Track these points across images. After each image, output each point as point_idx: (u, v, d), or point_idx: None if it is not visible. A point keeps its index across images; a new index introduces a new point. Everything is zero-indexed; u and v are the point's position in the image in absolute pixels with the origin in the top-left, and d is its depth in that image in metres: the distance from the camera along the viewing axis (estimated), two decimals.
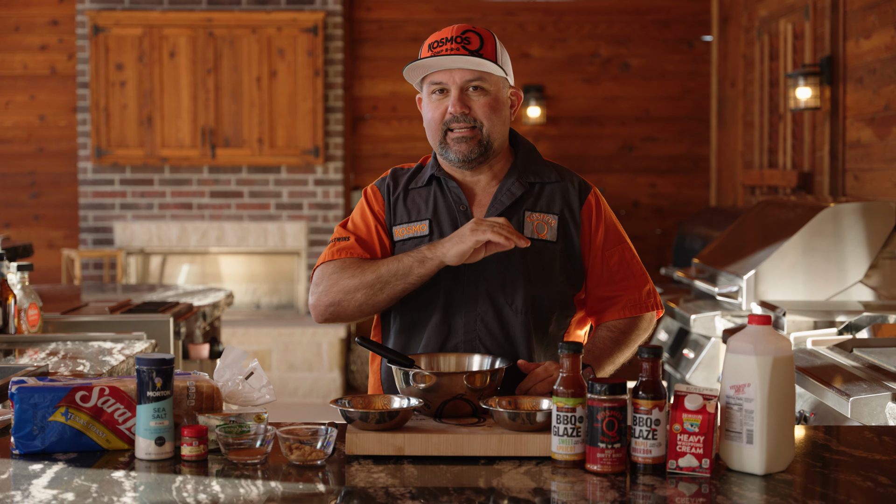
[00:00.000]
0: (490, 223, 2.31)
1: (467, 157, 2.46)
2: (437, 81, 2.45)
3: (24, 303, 3.46)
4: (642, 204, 8.10)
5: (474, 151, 2.46)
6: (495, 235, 2.29)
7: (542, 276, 2.47)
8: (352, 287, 2.43)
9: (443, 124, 2.45)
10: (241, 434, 1.99)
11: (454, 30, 2.46)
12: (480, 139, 2.45)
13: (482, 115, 2.44)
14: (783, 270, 4.45)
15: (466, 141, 2.44)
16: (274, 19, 7.57)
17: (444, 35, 2.45)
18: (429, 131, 2.48)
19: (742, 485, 1.87)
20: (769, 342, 1.92)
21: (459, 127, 2.44)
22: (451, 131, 2.45)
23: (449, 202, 2.52)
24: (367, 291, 2.43)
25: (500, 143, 2.50)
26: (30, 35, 7.94)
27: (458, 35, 2.44)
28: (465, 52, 2.42)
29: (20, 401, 2.04)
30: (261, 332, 7.44)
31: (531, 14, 8.02)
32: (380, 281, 2.41)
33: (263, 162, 7.66)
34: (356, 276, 2.43)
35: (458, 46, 2.42)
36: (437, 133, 2.47)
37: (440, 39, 2.45)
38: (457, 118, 2.43)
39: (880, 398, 2.78)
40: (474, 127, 2.44)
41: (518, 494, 1.82)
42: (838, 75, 5.52)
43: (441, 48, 2.43)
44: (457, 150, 2.45)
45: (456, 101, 2.43)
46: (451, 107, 2.43)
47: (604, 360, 2.52)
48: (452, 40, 2.43)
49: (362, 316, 2.49)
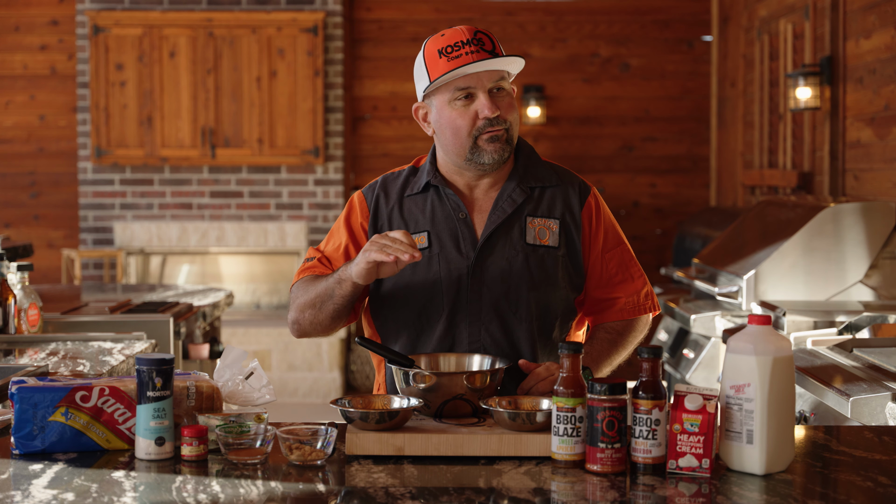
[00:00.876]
0: (380, 243, 2.25)
1: (501, 158, 2.42)
2: (463, 87, 2.39)
3: (24, 303, 3.46)
4: (642, 204, 8.10)
5: (506, 151, 2.43)
6: (378, 255, 2.23)
7: (545, 283, 2.46)
8: (302, 305, 2.47)
9: (475, 129, 2.40)
10: (241, 434, 1.99)
11: (465, 32, 2.39)
12: (508, 138, 2.43)
13: (509, 115, 2.42)
14: (783, 270, 4.45)
15: (499, 140, 2.41)
16: (274, 19, 7.57)
17: (457, 39, 2.39)
18: (455, 138, 2.42)
19: (742, 485, 1.87)
20: (769, 342, 1.92)
21: (494, 130, 2.40)
22: (483, 134, 2.40)
23: (447, 210, 2.49)
24: (311, 311, 2.45)
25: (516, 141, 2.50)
26: (30, 35, 7.94)
27: (471, 38, 2.38)
28: (484, 53, 2.38)
29: (20, 401, 2.04)
30: (261, 332, 7.44)
31: (531, 14, 8.02)
32: (318, 300, 2.43)
33: (263, 162, 7.66)
34: (304, 294, 2.47)
35: (476, 49, 2.37)
36: (468, 139, 2.41)
37: (455, 44, 2.38)
38: (491, 122, 2.39)
39: (880, 398, 2.78)
40: (503, 126, 2.41)
41: (518, 494, 1.82)
42: (838, 75, 5.52)
43: (459, 52, 2.37)
44: (492, 150, 2.41)
45: (491, 105, 2.38)
46: (488, 110, 2.38)
47: (602, 361, 2.52)
48: (469, 43, 2.38)
49: (322, 332, 2.49)
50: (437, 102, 2.44)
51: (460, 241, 2.46)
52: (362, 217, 2.53)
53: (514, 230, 2.46)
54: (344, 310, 2.43)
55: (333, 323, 2.47)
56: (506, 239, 2.46)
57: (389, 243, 2.24)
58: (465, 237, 2.46)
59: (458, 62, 2.37)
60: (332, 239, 2.57)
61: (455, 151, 2.45)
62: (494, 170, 2.47)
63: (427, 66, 2.41)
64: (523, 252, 2.45)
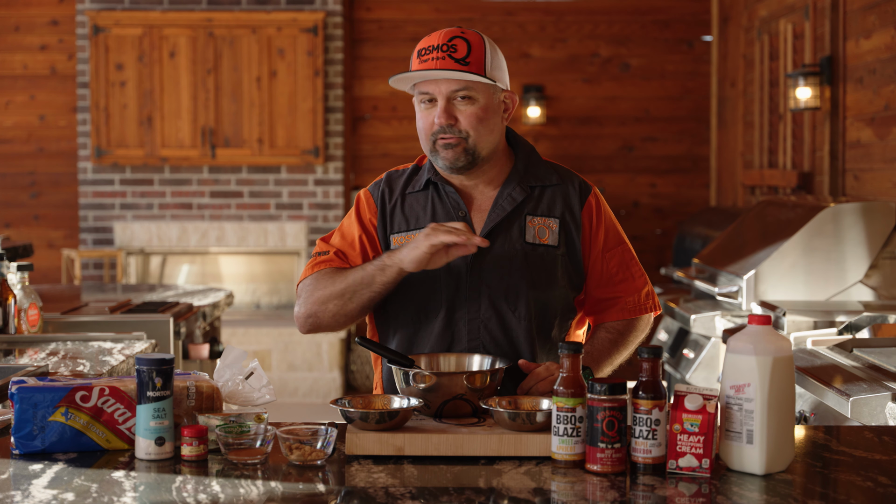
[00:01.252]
0: (446, 228, 2.29)
1: (454, 164, 2.43)
2: (425, 91, 2.42)
3: (24, 303, 3.46)
4: (642, 204, 8.10)
5: (461, 159, 2.42)
6: (448, 236, 2.26)
7: (544, 281, 2.46)
8: (324, 297, 2.44)
9: (432, 134, 2.42)
10: (241, 434, 1.99)
11: (442, 36, 2.41)
12: (466, 148, 2.41)
13: (468, 126, 2.40)
14: (783, 270, 4.45)
15: (452, 148, 2.41)
16: (274, 19, 7.57)
17: (432, 42, 2.41)
18: (420, 139, 2.47)
19: (742, 485, 1.87)
20: (769, 342, 1.92)
21: (446, 137, 2.41)
22: (439, 139, 2.42)
23: (447, 208, 2.49)
24: (337, 301, 2.43)
25: (491, 151, 2.46)
26: (30, 35, 7.94)
27: (444, 43, 2.39)
28: (450, 60, 2.37)
29: (20, 401, 2.04)
30: (261, 332, 7.44)
31: (531, 14, 8.02)
32: (348, 290, 2.41)
33: (263, 162, 7.66)
34: (328, 286, 2.44)
35: (443, 55, 2.37)
36: (427, 142, 2.44)
37: (427, 47, 2.40)
38: (443, 129, 2.40)
39: (880, 398, 2.78)
40: (459, 136, 2.41)
41: (518, 494, 1.82)
42: (838, 75, 5.52)
43: (428, 56, 2.39)
44: (444, 156, 2.42)
45: (442, 113, 2.39)
46: (437, 118, 2.39)
47: (602, 361, 2.52)
48: (438, 48, 2.38)
49: (340, 325, 2.47)
50: (415, 101, 2.48)
51: None
52: (370, 213, 2.54)
53: (514, 229, 2.47)
54: (379, 298, 2.42)
55: (361, 314, 2.46)
56: (505, 237, 2.46)
57: (455, 230, 2.28)
58: None
59: (422, 66, 2.40)
60: (344, 234, 2.55)
61: (424, 150, 2.49)
62: (459, 174, 2.47)
63: (410, 64, 2.45)
64: (522, 250, 2.45)
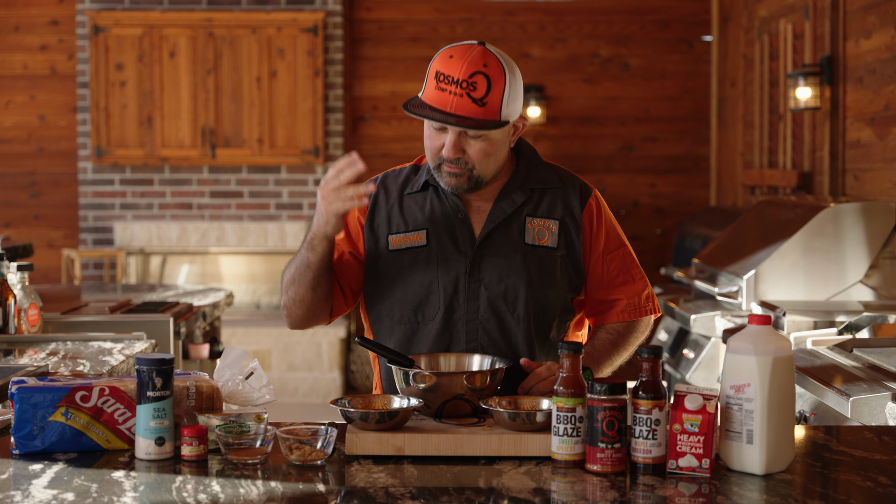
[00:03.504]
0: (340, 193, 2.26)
1: (457, 190, 2.44)
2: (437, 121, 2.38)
3: (24, 303, 3.46)
4: (642, 204, 8.10)
5: (463, 186, 2.43)
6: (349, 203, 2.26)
7: (543, 283, 2.46)
8: (285, 286, 2.47)
9: (437, 157, 2.41)
10: (241, 434, 1.99)
11: (464, 70, 2.34)
12: (470, 177, 2.42)
13: (475, 160, 2.40)
14: (783, 270, 4.45)
15: (457, 177, 2.41)
16: (274, 19, 7.57)
17: (453, 73, 2.34)
18: (427, 154, 2.45)
19: (742, 485, 1.87)
20: (769, 342, 1.92)
21: (452, 169, 2.40)
22: (444, 164, 2.41)
23: (446, 209, 2.49)
24: (293, 288, 2.44)
25: (495, 175, 2.47)
26: (30, 35, 7.94)
27: (464, 79, 2.33)
28: (468, 99, 2.32)
29: (20, 401, 2.04)
30: (261, 332, 7.44)
31: (531, 14, 8.02)
32: (296, 276, 2.42)
33: (263, 162, 7.66)
34: (286, 275, 2.46)
35: (462, 93, 2.33)
36: (433, 161, 2.43)
37: (447, 77, 2.34)
38: (450, 161, 2.39)
39: (880, 398, 2.78)
40: (465, 167, 2.40)
41: (518, 494, 1.82)
42: (838, 75, 5.52)
43: (447, 88, 2.34)
44: (447, 181, 2.43)
45: (451, 147, 2.37)
46: (446, 151, 2.38)
47: (602, 362, 2.52)
48: (458, 84, 2.34)
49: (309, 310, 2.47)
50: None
51: (458, 239, 2.46)
52: (359, 212, 2.54)
53: (513, 230, 2.47)
54: (324, 277, 2.42)
55: (315, 296, 2.44)
56: (504, 238, 2.46)
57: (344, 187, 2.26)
58: (464, 236, 2.46)
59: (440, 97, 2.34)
60: None
61: (429, 162, 2.47)
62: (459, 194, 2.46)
63: (427, 77, 2.40)
64: (521, 252, 2.45)
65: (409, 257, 2.46)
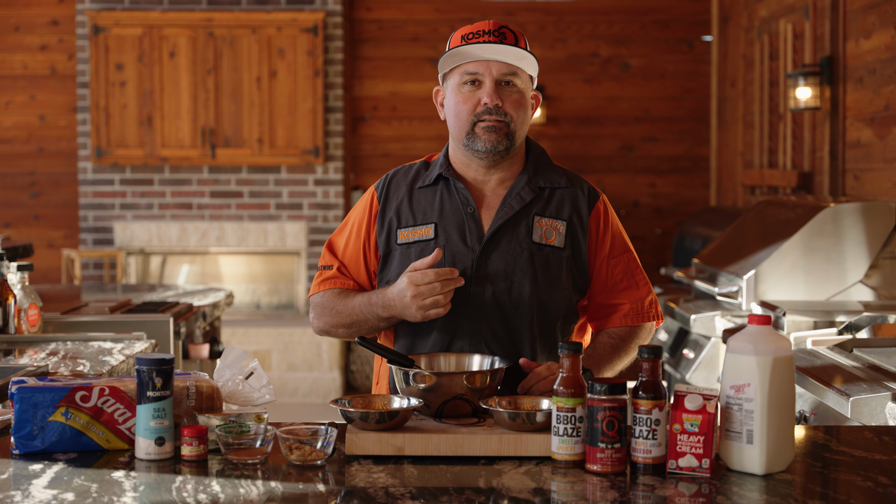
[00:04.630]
0: (431, 298, 2.34)
1: (495, 148, 2.45)
2: (472, 72, 2.44)
3: (24, 303, 3.46)
4: (642, 204, 8.10)
5: (502, 143, 2.45)
6: (437, 310, 2.35)
7: (548, 282, 2.47)
8: (333, 323, 2.55)
9: (474, 115, 2.45)
10: (241, 434, 1.99)
11: (490, 24, 2.47)
12: (508, 132, 2.45)
13: (512, 110, 2.45)
14: (783, 270, 4.45)
15: (496, 131, 2.44)
16: (274, 19, 7.57)
17: (480, 28, 2.46)
18: (456, 121, 2.48)
19: (742, 485, 1.87)
20: (769, 342, 1.92)
21: (490, 118, 2.44)
22: (481, 121, 2.45)
23: (456, 204, 2.51)
24: (344, 330, 2.55)
25: (521, 142, 2.52)
26: (30, 35, 7.94)
27: (494, 29, 2.45)
28: (502, 45, 2.43)
29: (20, 401, 2.04)
30: (261, 332, 7.44)
31: (531, 14, 8.02)
32: (354, 324, 2.52)
33: (263, 162, 7.66)
34: (334, 315, 2.54)
35: (496, 40, 2.44)
36: (466, 124, 2.46)
37: (476, 31, 2.46)
38: (490, 110, 2.43)
39: (880, 398, 2.78)
40: (503, 120, 2.44)
41: (518, 494, 1.82)
42: (838, 75, 5.52)
43: (478, 39, 2.44)
44: (486, 139, 2.45)
45: (492, 93, 2.43)
46: (487, 97, 2.43)
47: (603, 365, 2.52)
48: (489, 33, 2.44)
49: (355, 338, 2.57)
50: (449, 85, 2.50)
51: (467, 234, 2.47)
52: (373, 214, 2.56)
53: (521, 227, 2.48)
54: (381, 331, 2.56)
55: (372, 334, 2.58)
56: (512, 235, 2.47)
57: (438, 294, 2.34)
58: (472, 231, 2.47)
59: (472, 47, 2.44)
60: (348, 240, 2.59)
61: (455, 136, 2.51)
62: (492, 161, 2.49)
63: (448, 49, 2.48)
64: (528, 250, 2.46)
65: (417, 251, 2.48)
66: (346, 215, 2.66)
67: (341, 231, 2.61)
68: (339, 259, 2.58)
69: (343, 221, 2.64)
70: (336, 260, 2.59)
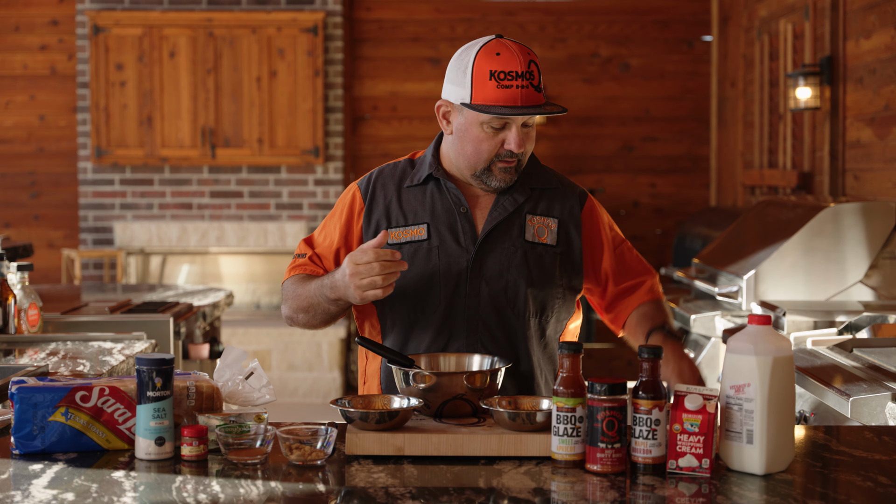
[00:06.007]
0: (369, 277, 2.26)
1: (507, 184, 2.48)
2: (502, 118, 2.39)
3: (24, 303, 3.46)
4: (642, 204, 8.10)
5: (513, 179, 2.48)
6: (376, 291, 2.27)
7: (542, 280, 2.48)
8: (295, 307, 2.53)
9: (495, 156, 2.43)
10: (241, 434, 1.99)
11: (521, 61, 2.38)
12: (518, 167, 2.47)
13: (527, 149, 2.46)
14: (783, 270, 4.45)
15: (511, 171, 2.46)
16: (274, 19, 7.57)
17: (512, 67, 2.37)
18: (474, 155, 2.44)
19: (742, 485, 1.87)
20: (769, 342, 1.92)
21: (511, 160, 2.44)
22: (500, 161, 2.44)
23: (448, 204, 2.51)
24: (304, 315, 2.52)
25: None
26: (30, 35, 7.94)
27: (525, 70, 2.38)
28: (532, 90, 2.38)
29: (20, 401, 2.04)
30: (261, 332, 7.44)
31: (531, 14, 8.02)
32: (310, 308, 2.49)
33: (263, 162, 7.66)
34: (296, 298, 2.52)
35: (526, 83, 2.38)
36: (485, 162, 2.44)
37: (509, 72, 2.37)
38: (512, 154, 2.43)
39: (880, 398, 2.78)
40: (520, 159, 2.46)
41: (518, 494, 1.82)
42: (838, 75, 5.52)
43: (511, 83, 2.37)
44: (501, 178, 2.46)
45: (519, 141, 2.41)
46: (514, 146, 2.40)
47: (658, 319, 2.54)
48: (522, 76, 2.38)
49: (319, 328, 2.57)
50: (468, 115, 2.43)
51: (460, 234, 2.48)
52: (357, 212, 2.55)
53: (514, 227, 2.49)
54: (336, 319, 2.52)
55: (326, 326, 2.56)
56: (505, 235, 2.48)
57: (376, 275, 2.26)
58: (466, 231, 2.48)
59: (506, 94, 2.36)
60: (326, 234, 2.59)
61: (467, 165, 2.47)
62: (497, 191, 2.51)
63: (473, 80, 2.38)
64: (522, 249, 2.48)
65: (409, 251, 2.47)
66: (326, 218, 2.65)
67: (322, 228, 2.62)
68: (313, 249, 2.60)
69: (323, 221, 2.64)
70: (310, 250, 2.60)
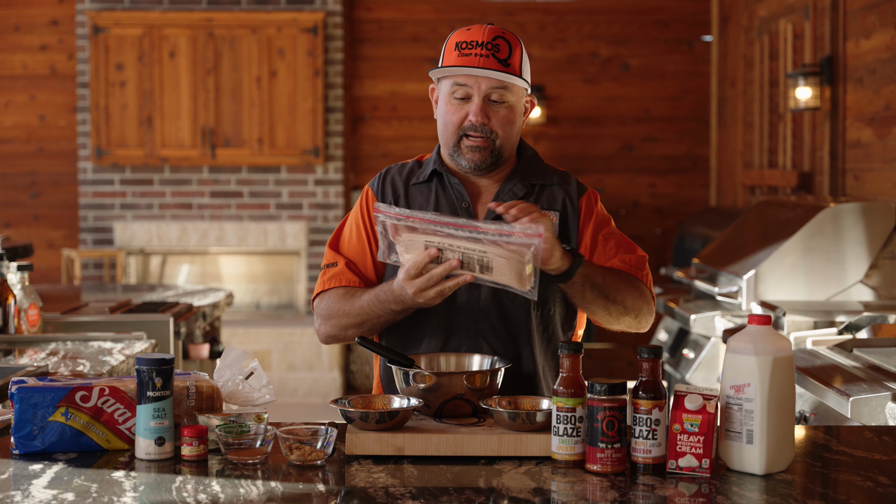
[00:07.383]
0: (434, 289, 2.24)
1: (479, 166, 2.46)
2: (462, 84, 2.42)
3: (24, 303, 3.46)
4: (642, 204, 8.10)
5: (486, 161, 2.46)
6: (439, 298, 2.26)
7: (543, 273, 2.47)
8: (343, 325, 2.46)
9: (460, 129, 2.44)
10: (241, 434, 1.99)
11: (485, 33, 2.42)
12: (493, 149, 2.45)
13: (499, 127, 2.44)
14: (783, 270, 4.45)
15: (480, 150, 2.44)
16: (274, 19, 7.57)
17: (475, 38, 2.42)
18: (444, 133, 2.48)
19: (742, 485, 1.87)
20: (769, 342, 1.92)
21: (476, 136, 2.43)
22: (466, 138, 2.44)
23: (451, 199, 2.52)
24: (356, 329, 2.45)
25: (511, 152, 2.51)
26: (30, 35, 7.94)
27: (489, 41, 2.41)
28: (494, 59, 2.40)
29: (20, 401, 2.04)
30: (261, 332, 7.44)
31: (531, 14, 8.02)
32: (367, 321, 2.42)
33: (263, 162, 7.66)
34: (344, 314, 2.45)
35: (487, 54, 2.40)
36: (453, 136, 2.46)
37: (470, 42, 2.41)
38: (475, 127, 2.42)
39: (880, 398, 2.78)
40: (489, 137, 2.44)
41: (518, 494, 1.82)
42: (838, 75, 5.52)
43: (471, 51, 2.41)
44: (470, 157, 2.45)
45: (479, 111, 2.41)
46: (473, 116, 2.41)
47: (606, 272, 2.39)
48: (483, 45, 2.40)
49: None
50: (441, 90, 2.49)
51: None
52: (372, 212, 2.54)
53: None
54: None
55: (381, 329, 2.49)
56: None
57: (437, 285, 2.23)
58: None
59: (464, 60, 2.41)
60: (351, 239, 2.56)
61: (444, 143, 2.51)
62: (475, 174, 2.49)
63: (444, 52, 2.47)
64: None
65: None
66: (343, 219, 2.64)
67: (341, 231, 2.60)
68: (343, 255, 2.55)
69: (339, 224, 2.63)
70: (341, 256, 2.55)
